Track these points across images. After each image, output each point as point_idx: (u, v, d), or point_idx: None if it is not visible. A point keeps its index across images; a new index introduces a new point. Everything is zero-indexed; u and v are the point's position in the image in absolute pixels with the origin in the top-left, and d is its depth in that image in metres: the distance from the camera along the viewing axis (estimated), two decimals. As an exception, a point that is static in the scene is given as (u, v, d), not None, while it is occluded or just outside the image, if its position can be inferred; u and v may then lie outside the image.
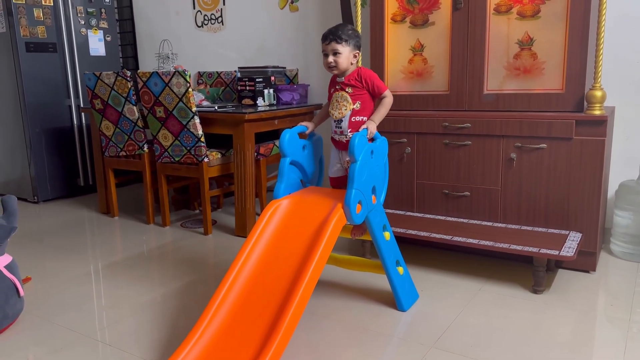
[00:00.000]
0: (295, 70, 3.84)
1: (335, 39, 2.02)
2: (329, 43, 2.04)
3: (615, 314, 2.07)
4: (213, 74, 4.22)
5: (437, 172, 2.69)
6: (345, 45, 2.03)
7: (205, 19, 4.37)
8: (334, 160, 2.22)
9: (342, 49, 2.03)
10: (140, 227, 3.46)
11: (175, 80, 3.01)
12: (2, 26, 3.98)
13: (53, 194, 4.25)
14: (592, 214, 2.35)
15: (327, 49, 2.05)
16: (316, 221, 1.87)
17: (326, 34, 2.06)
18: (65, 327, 2.10)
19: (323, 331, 2.00)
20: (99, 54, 4.42)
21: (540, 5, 2.39)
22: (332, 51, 2.03)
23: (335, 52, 2.03)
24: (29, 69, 4.01)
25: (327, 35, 2.05)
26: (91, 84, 3.42)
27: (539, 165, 2.42)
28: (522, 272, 2.46)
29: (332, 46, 2.03)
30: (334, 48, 2.03)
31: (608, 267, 2.53)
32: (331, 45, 2.03)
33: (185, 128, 3.09)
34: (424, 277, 2.46)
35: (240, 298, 1.76)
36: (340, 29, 2.04)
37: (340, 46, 2.02)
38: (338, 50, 2.03)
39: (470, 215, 2.62)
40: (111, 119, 3.44)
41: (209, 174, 3.18)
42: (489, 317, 2.06)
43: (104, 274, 2.65)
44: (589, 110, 2.30)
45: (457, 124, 2.58)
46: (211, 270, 2.69)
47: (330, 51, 2.04)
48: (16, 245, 3.08)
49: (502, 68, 2.52)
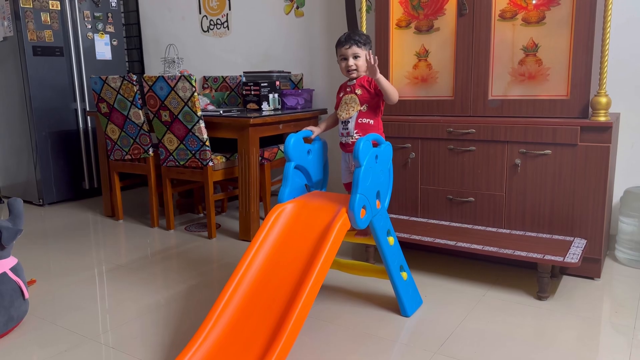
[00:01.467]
0: (300, 75, 3.85)
1: (356, 43, 2.06)
2: (350, 47, 2.06)
3: (620, 321, 2.06)
4: (218, 79, 4.23)
5: (441, 178, 2.69)
6: (364, 48, 2.08)
7: (211, 23, 4.39)
8: (344, 166, 2.23)
9: (362, 52, 2.07)
10: (144, 230, 3.47)
11: (181, 85, 3.03)
12: (9, 30, 4.01)
13: (58, 196, 4.27)
14: (597, 220, 2.34)
15: (347, 53, 2.07)
16: (320, 226, 1.87)
17: (345, 39, 2.08)
18: (69, 329, 2.10)
19: (326, 336, 2.00)
20: (105, 58, 4.45)
21: (545, 12, 2.39)
22: (353, 55, 2.06)
23: (356, 56, 2.07)
24: (36, 72, 4.04)
25: (346, 40, 2.08)
26: (97, 87, 3.44)
27: (543, 171, 2.42)
28: (526, 279, 2.45)
29: (353, 50, 2.06)
30: (355, 52, 2.06)
31: (613, 274, 2.52)
32: (352, 49, 2.06)
33: (191, 132, 3.11)
34: (427, 282, 2.45)
35: (244, 302, 1.77)
36: (357, 34, 2.08)
37: (360, 50, 2.07)
38: (358, 54, 2.07)
39: (475, 221, 2.62)
40: (117, 123, 3.46)
41: (214, 178, 3.19)
42: (493, 323, 2.05)
43: (108, 277, 2.66)
44: (594, 117, 2.30)
45: (461, 129, 2.58)
46: (215, 273, 2.69)
47: (351, 55, 2.07)
48: (21, 247, 3.10)
49: (507, 74, 2.52)
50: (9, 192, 4.50)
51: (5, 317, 2.01)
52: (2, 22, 4.05)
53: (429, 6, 2.67)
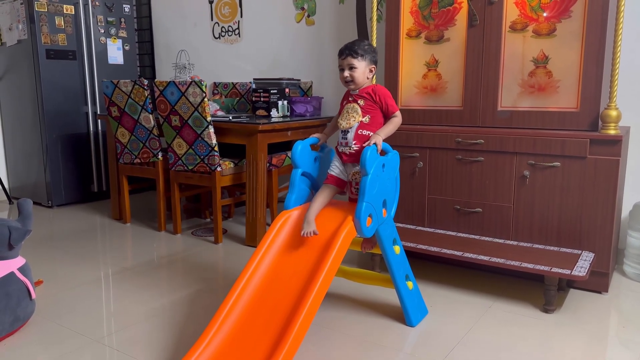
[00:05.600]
0: (310, 83, 3.87)
1: (351, 54, 2.04)
2: (345, 58, 2.05)
3: (627, 336, 2.04)
4: (228, 85, 4.26)
5: (449, 188, 2.68)
6: (361, 60, 2.04)
7: (222, 30, 4.43)
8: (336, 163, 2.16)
9: (358, 63, 2.04)
10: (151, 234, 3.48)
11: (192, 90, 3.05)
12: (24, 33, 4.06)
13: (67, 199, 4.30)
14: (605, 234, 2.33)
15: (343, 64, 2.06)
16: (326, 233, 1.87)
17: (342, 49, 2.07)
18: (74, 330, 2.11)
19: (330, 344, 1.99)
20: (117, 62, 4.49)
21: (556, 24, 2.39)
22: (348, 66, 2.04)
23: (351, 67, 2.04)
24: (49, 75, 4.08)
25: (343, 50, 2.07)
26: (109, 91, 3.47)
27: (552, 184, 2.41)
28: (533, 291, 2.44)
29: (348, 61, 2.04)
30: (350, 63, 2.04)
31: (620, 288, 2.50)
32: (347, 60, 2.04)
33: (200, 137, 3.13)
34: (433, 292, 2.44)
35: (249, 307, 1.77)
36: (356, 44, 2.06)
37: (356, 61, 2.04)
38: (354, 65, 2.04)
39: (482, 232, 2.61)
40: (127, 127, 3.48)
41: (221, 183, 3.20)
42: (499, 336, 2.04)
43: (114, 280, 2.67)
44: (603, 130, 2.29)
45: (470, 139, 2.57)
46: (220, 279, 2.70)
47: (346, 66, 2.05)
48: (29, 248, 3.12)
49: (517, 85, 2.52)
50: (19, 193, 4.54)
51: (11, 317, 2.03)
52: (17, 25, 4.11)
53: (440, 16, 2.68)
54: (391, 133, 2.06)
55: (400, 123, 2.09)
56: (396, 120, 2.08)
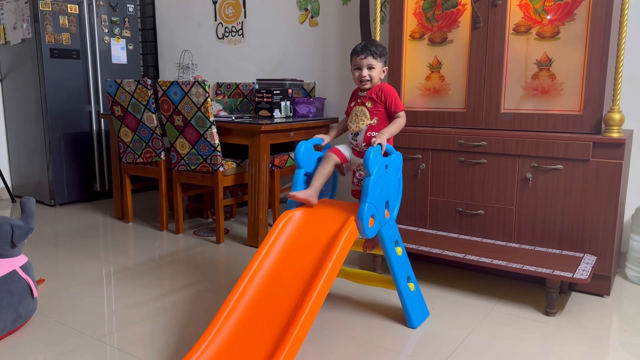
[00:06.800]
0: (313, 84, 3.87)
1: (372, 54, 2.06)
2: (365, 57, 2.07)
3: (629, 340, 2.03)
4: (231, 85, 4.27)
5: (451, 190, 2.68)
6: (380, 60, 2.08)
7: (226, 31, 4.43)
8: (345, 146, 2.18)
9: (377, 64, 2.07)
10: (153, 233, 3.49)
11: (195, 90, 3.05)
12: (28, 32, 4.08)
13: (70, 197, 4.31)
14: (608, 237, 2.32)
15: (362, 63, 2.08)
16: (328, 233, 1.87)
17: (361, 49, 2.08)
18: (75, 329, 2.12)
19: (331, 345, 1.99)
20: (120, 62, 4.50)
21: (560, 27, 2.39)
22: (368, 65, 2.07)
23: (370, 67, 2.07)
24: (52, 74, 4.09)
25: (362, 50, 2.08)
26: (112, 91, 3.48)
27: (554, 186, 2.40)
28: (534, 294, 2.43)
29: (368, 60, 2.06)
30: (370, 63, 2.06)
31: (622, 291, 2.49)
32: (367, 59, 2.06)
33: (202, 137, 3.13)
34: (435, 294, 2.44)
35: (250, 307, 1.77)
36: (374, 44, 2.08)
37: (375, 61, 2.07)
38: (373, 65, 2.07)
39: (484, 234, 2.61)
40: (130, 126, 3.49)
41: (224, 183, 3.21)
42: (500, 338, 2.04)
43: (116, 279, 2.68)
44: (606, 133, 2.29)
45: (472, 141, 2.57)
46: (222, 279, 2.70)
47: (366, 65, 2.07)
48: (32, 246, 3.13)
49: (520, 88, 2.52)
50: (22, 192, 4.56)
51: (13, 315, 2.03)
52: (22, 24, 4.12)
53: (444, 18, 2.68)
54: (395, 133, 2.08)
55: (404, 123, 2.11)
56: (400, 120, 2.09)
